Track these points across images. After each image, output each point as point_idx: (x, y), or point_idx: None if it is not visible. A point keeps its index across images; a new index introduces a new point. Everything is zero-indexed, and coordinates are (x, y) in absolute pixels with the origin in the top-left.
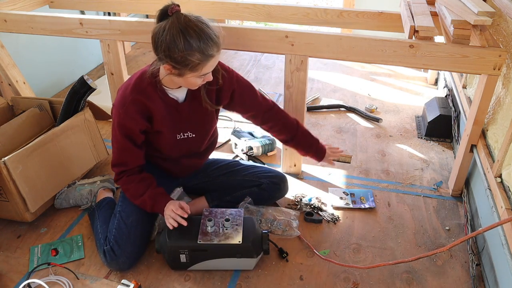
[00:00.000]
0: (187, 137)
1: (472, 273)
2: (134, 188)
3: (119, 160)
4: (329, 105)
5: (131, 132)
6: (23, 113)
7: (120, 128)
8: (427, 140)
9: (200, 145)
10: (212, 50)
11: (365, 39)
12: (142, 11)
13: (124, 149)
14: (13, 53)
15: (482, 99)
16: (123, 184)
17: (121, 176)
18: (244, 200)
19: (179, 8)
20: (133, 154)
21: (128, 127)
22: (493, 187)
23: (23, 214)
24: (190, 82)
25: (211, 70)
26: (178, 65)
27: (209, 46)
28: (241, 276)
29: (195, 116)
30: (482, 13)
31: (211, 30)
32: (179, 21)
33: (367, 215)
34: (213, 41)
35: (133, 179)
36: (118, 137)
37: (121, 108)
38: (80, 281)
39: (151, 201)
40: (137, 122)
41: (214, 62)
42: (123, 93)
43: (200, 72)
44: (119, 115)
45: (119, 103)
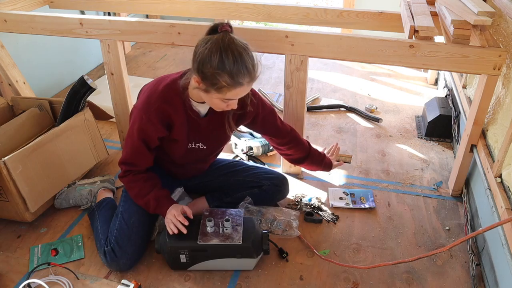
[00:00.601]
0: (198, 147)
1: (472, 273)
2: (139, 187)
3: (130, 160)
4: (329, 105)
5: (148, 138)
6: (23, 113)
7: (139, 132)
8: (427, 140)
9: (209, 156)
10: (243, 78)
11: (365, 39)
12: (142, 11)
13: (137, 151)
14: (13, 53)
15: (482, 99)
16: (128, 182)
17: (127, 174)
18: (244, 200)
19: (230, 29)
20: (145, 158)
21: (148, 132)
22: (493, 187)
23: (23, 214)
24: (214, 103)
25: (237, 98)
26: (206, 81)
27: (241, 73)
28: (241, 276)
29: (213, 131)
30: (482, 13)
31: (250, 59)
32: (223, 39)
33: (367, 215)
34: (248, 70)
35: (139, 178)
36: (134, 139)
37: (144, 113)
38: (80, 281)
39: (155, 203)
40: (157, 129)
41: (242, 91)
42: (149, 98)
43: (225, 96)
44: (141, 119)
45: (143, 107)
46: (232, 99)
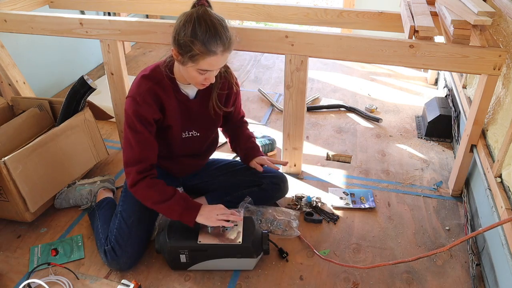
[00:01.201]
0: (191, 135)
1: (472, 273)
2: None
3: (139, 155)
4: (329, 105)
5: (147, 120)
6: (23, 113)
7: (136, 116)
8: (427, 140)
9: (203, 144)
10: (216, 47)
11: (365, 39)
12: (142, 11)
13: (143, 141)
14: (13, 53)
15: (482, 99)
16: (145, 186)
17: (143, 177)
18: (244, 200)
19: (207, 4)
20: (152, 147)
21: (145, 115)
22: (493, 187)
23: (23, 214)
24: (191, 76)
25: (212, 69)
26: (180, 50)
27: (213, 42)
28: (241, 276)
29: (203, 114)
30: (482, 13)
31: (224, 30)
32: (197, 11)
33: (367, 215)
34: (220, 40)
35: (158, 182)
36: (135, 127)
37: (138, 95)
38: (80, 281)
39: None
40: (153, 110)
41: (216, 60)
42: (139, 82)
43: (199, 66)
44: (136, 103)
45: (135, 91)
46: (207, 69)
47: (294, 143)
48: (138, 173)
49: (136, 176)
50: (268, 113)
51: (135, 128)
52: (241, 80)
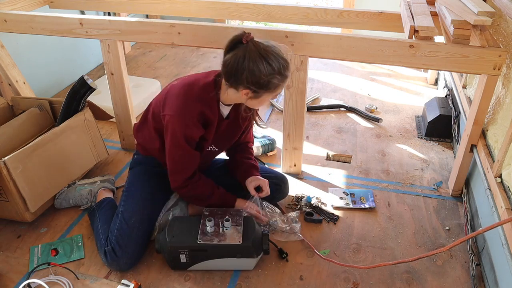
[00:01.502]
0: (211, 150)
1: (472, 273)
2: (200, 191)
3: (182, 167)
4: (329, 105)
5: (193, 140)
6: (23, 113)
7: (185, 137)
8: (427, 140)
9: (215, 156)
10: (288, 71)
11: (365, 39)
12: (142, 11)
13: (187, 155)
14: (13, 53)
15: (482, 99)
16: (188, 191)
17: (186, 185)
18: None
19: (253, 36)
20: (195, 159)
21: (192, 136)
22: (493, 187)
23: (23, 214)
24: (262, 102)
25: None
26: (260, 89)
27: (286, 68)
28: (241, 276)
29: (228, 133)
30: (482, 13)
31: (282, 52)
32: (257, 48)
33: (367, 215)
34: (287, 63)
35: (199, 185)
36: (181, 146)
37: (187, 119)
38: (80, 281)
39: (219, 201)
40: (199, 130)
41: (287, 81)
42: (186, 102)
43: (277, 92)
44: (185, 125)
45: (182, 112)
46: (280, 92)
47: (294, 143)
48: (183, 182)
49: (180, 184)
50: (268, 113)
51: (180, 146)
52: None
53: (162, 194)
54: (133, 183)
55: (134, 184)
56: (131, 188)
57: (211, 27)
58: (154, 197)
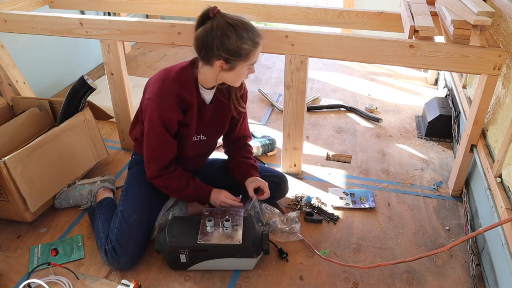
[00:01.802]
0: (199, 139)
1: (472, 273)
2: (176, 182)
3: (159, 154)
4: (329, 105)
5: (171, 124)
6: (23, 113)
7: (161, 120)
8: (427, 140)
9: (209, 148)
10: (258, 38)
11: (365, 39)
12: (142, 11)
13: (163, 141)
14: (13, 53)
15: (482, 99)
16: (163, 181)
17: (162, 174)
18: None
19: (219, 9)
20: (171, 146)
21: (169, 118)
22: (493, 187)
23: (23, 214)
24: (239, 75)
25: (257, 60)
26: (232, 56)
27: (255, 35)
28: (241, 276)
29: (214, 121)
30: (482, 13)
31: (250, 24)
32: (224, 18)
33: (367, 215)
34: (256, 31)
35: (175, 175)
36: (158, 130)
37: (163, 100)
38: (80, 281)
39: (195, 192)
40: (177, 113)
41: (259, 50)
42: (163, 84)
43: (251, 60)
44: (162, 108)
45: (159, 94)
46: (255, 61)
47: (294, 143)
48: (159, 171)
49: (155, 173)
50: (268, 113)
51: (156, 131)
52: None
53: (161, 194)
54: (131, 183)
55: (132, 184)
56: (130, 187)
57: None
58: (152, 196)
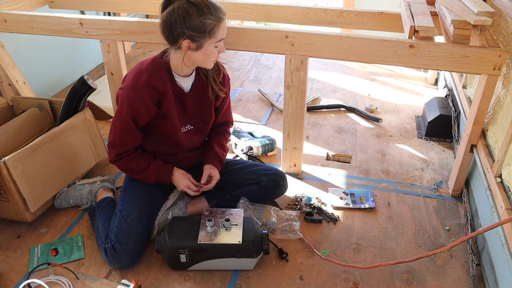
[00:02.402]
0: (188, 129)
1: (472, 273)
2: (136, 164)
3: (120, 141)
4: (329, 105)
5: (138, 115)
6: (23, 113)
7: (128, 110)
8: (427, 140)
9: (199, 139)
10: (221, 13)
11: (365, 39)
12: (142, 11)
13: (127, 130)
14: (13, 53)
15: (482, 99)
16: (123, 164)
17: (121, 157)
18: (241, 198)
19: None
20: (135, 137)
21: (137, 109)
22: (493, 187)
23: (23, 214)
24: (209, 54)
25: (224, 35)
26: (196, 33)
27: (217, 10)
28: (241, 276)
29: (198, 109)
30: (482, 13)
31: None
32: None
33: (367, 215)
34: (217, 6)
35: (134, 157)
36: (124, 119)
37: (132, 90)
38: (80, 281)
39: (156, 172)
40: (146, 105)
41: (225, 25)
42: (135, 75)
43: (217, 37)
44: (130, 97)
45: (130, 85)
46: (222, 37)
47: (294, 143)
48: (116, 156)
49: (114, 157)
50: (268, 113)
51: (122, 119)
52: (241, 80)
53: (159, 192)
54: (130, 182)
55: (131, 183)
56: (128, 187)
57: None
58: (151, 195)
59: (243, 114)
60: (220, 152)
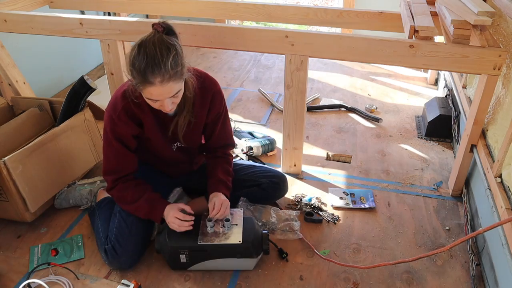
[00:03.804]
0: (180, 146)
1: (472, 273)
2: (130, 194)
3: (114, 166)
4: (329, 105)
5: (124, 137)
6: (23, 113)
7: (113, 133)
8: (427, 140)
9: (195, 152)
10: (153, 78)
11: (365, 39)
12: (142, 11)
13: (118, 154)
14: (13, 53)
15: (482, 99)
16: (117, 192)
17: (116, 184)
18: (240, 200)
19: (161, 29)
20: (128, 159)
21: (121, 132)
22: (493, 187)
23: (23, 214)
24: (148, 101)
25: (157, 98)
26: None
27: (150, 72)
28: (241, 276)
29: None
30: (482, 13)
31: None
32: (148, 37)
33: (367, 215)
34: (158, 70)
35: (129, 185)
36: (112, 143)
37: (114, 113)
38: (80, 281)
39: (148, 206)
40: (128, 126)
41: (156, 91)
42: (115, 100)
43: (144, 94)
44: (112, 120)
45: (111, 108)
46: (152, 98)
47: (294, 143)
48: (112, 182)
49: (110, 184)
50: (268, 113)
51: (111, 144)
52: (241, 80)
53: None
54: None
55: None
56: None
57: (211, 27)
58: None
59: (243, 114)
60: (225, 178)
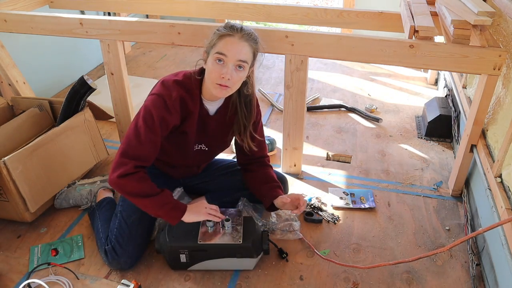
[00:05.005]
0: (200, 149)
1: (472, 273)
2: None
3: (144, 152)
4: (329, 105)
5: (165, 124)
6: (23, 113)
7: (159, 119)
8: (427, 140)
9: (209, 159)
10: (233, 31)
11: (365, 39)
12: (142, 11)
13: (154, 141)
14: (13, 53)
15: (482, 99)
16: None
17: (138, 171)
18: (240, 201)
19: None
20: (156, 150)
21: (168, 119)
22: (493, 187)
23: (23, 214)
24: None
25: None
26: (207, 45)
27: (233, 27)
28: (241, 276)
29: (217, 132)
30: (482, 13)
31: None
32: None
33: (367, 215)
34: (240, 28)
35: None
36: (155, 128)
37: (168, 99)
38: (80, 281)
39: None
40: (176, 117)
41: (231, 42)
42: (172, 85)
43: (216, 47)
44: (165, 106)
45: (165, 93)
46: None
47: (294, 143)
48: (134, 167)
49: (131, 169)
50: (268, 113)
51: (152, 128)
52: None
53: None
54: None
55: None
56: None
57: (211, 27)
58: None
59: None
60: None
